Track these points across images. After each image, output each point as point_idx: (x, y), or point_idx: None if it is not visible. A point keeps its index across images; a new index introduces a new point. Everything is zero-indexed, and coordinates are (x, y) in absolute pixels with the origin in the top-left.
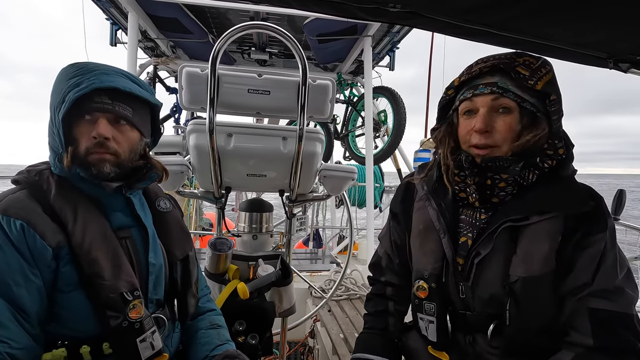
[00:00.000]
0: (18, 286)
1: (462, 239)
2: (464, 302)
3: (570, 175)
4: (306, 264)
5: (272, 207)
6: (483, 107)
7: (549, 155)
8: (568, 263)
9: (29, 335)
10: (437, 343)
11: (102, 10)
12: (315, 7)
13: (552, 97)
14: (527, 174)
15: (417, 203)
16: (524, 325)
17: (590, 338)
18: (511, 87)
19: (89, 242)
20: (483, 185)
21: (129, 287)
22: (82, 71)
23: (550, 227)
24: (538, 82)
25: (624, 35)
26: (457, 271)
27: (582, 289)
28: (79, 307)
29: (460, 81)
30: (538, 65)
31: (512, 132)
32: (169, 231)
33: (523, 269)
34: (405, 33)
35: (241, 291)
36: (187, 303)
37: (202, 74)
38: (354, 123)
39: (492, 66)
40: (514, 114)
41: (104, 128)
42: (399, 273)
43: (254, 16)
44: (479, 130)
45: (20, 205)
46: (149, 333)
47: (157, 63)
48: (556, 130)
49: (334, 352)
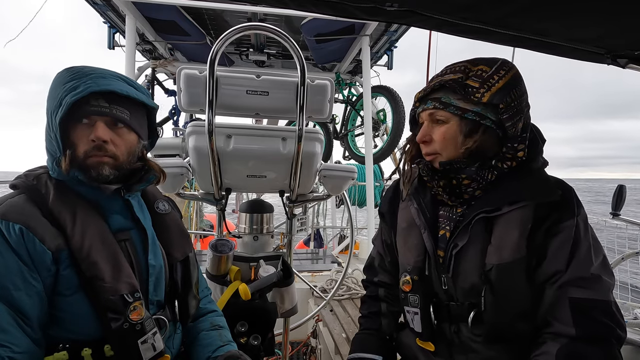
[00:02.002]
0: (18, 290)
1: (441, 232)
2: (447, 293)
3: (540, 168)
4: (307, 264)
5: (272, 207)
6: (425, 120)
7: (508, 157)
8: (539, 250)
9: (30, 339)
10: (422, 334)
11: (99, 13)
12: (313, 7)
13: (501, 106)
14: (486, 174)
15: (402, 203)
16: (500, 311)
17: (572, 327)
18: (453, 101)
19: (88, 245)
20: (450, 185)
21: (129, 289)
22: (78, 75)
23: (521, 215)
24: (485, 93)
25: (621, 30)
26: (439, 263)
27: (557, 276)
28: (80, 310)
29: (420, 96)
30: (490, 74)
31: (447, 140)
32: (168, 233)
33: (497, 257)
34: (403, 32)
35: (243, 292)
36: (187, 304)
37: (200, 76)
38: (353, 122)
39: (440, 83)
40: (451, 124)
41: (102, 131)
42: (391, 272)
43: (251, 17)
44: (418, 140)
45: (19, 210)
46: (150, 334)
47: (156, 66)
48: (512, 134)
49: (337, 351)
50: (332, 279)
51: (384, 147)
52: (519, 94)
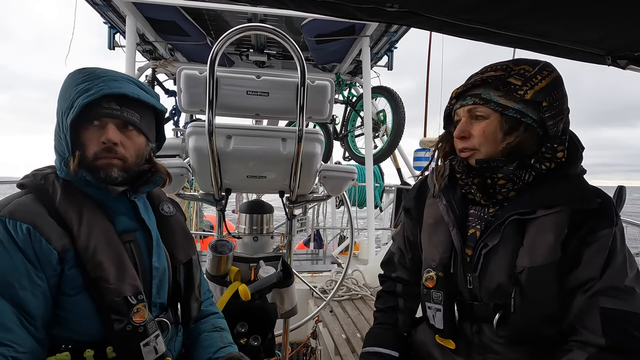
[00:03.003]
0: (24, 289)
1: (471, 230)
2: (472, 293)
3: (579, 174)
4: (307, 264)
5: (272, 208)
6: (463, 116)
7: (547, 157)
8: (573, 256)
9: (34, 338)
10: (443, 331)
11: (100, 14)
12: (313, 7)
13: (544, 104)
14: (523, 174)
15: (428, 200)
16: (528, 313)
17: (601, 337)
18: (494, 98)
19: (94, 246)
20: (484, 184)
21: (133, 291)
22: (90, 77)
23: (556, 220)
24: (528, 91)
25: (621, 31)
26: (465, 262)
27: (589, 284)
28: (84, 311)
29: (458, 92)
30: (533, 73)
31: (486, 136)
32: (173, 235)
33: (529, 259)
34: (403, 33)
35: (243, 293)
36: (190, 307)
37: (200, 76)
38: (353, 123)
39: (482, 80)
40: (491, 120)
41: (112, 133)
42: (410, 269)
43: (251, 18)
44: (456, 136)
45: (26, 209)
46: (152, 337)
47: (156, 66)
48: (553, 134)
49: (337, 352)
50: (332, 279)
51: (384, 148)
52: (561, 95)
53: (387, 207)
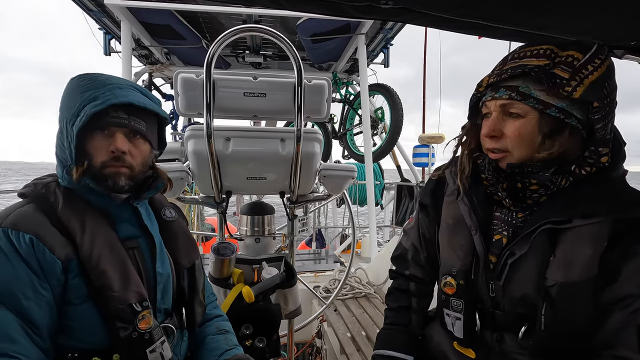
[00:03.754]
0: (28, 300)
1: (497, 236)
2: (494, 301)
3: (620, 177)
4: (310, 264)
5: (273, 209)
6: (494, 111)
7: (589, 163)
8: (612, 271)
9: (40, 349)
10: (463, 340)
11: (94, 20)
12: (308, 7)
13: (595, 105)
14: (560, 180)
15: (447, 197)
16: (557, 329)
17: (638, 354)
18: (534, 93)
19: (97, 254)
20: (514, 188)
21: (137, 298)
22: (95, 84)
23: (595, 231)
24: (577, 87)
25: (617, 20)
26: (488, 269)
27: (629, 301)
28: (89, 319)
29: (489, 82)
30: (583, 62)
31: (522, 138)
32: (176, 240)
33: (562, 273)
34: (398, 29)
35: (246, 295)
36: (194, 311)
37: (197, 80)
38: (351, 121)
39: (521, 70)
40: (528, 119)
41: (121, 143)
42: (425, 267)
43: (246, 19)
44: (485, 135)
45: (28, 219)
46: (158, 343)
47: (152, 70)
48: (600, 137)
49: (342, 351)
50: (336, 278)
51: (383, 145)
52: (612, 88)
53: (387, 205)
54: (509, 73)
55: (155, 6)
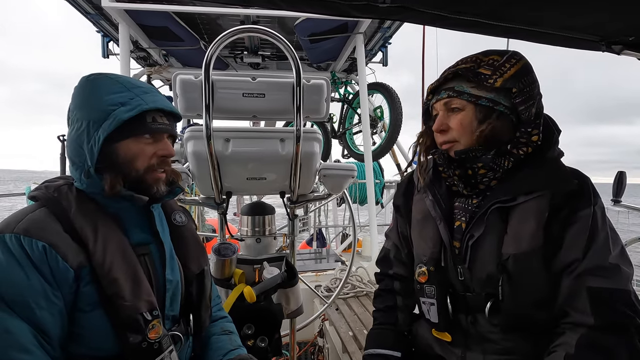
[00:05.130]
0: (41, 309)
1: (457, 223)
2: (464, 284)
3: (556, 157)
4: (311, 264)
5: (273, 209)
6: (440, 110)
7: (523, 142)
8: (556, 240)
9: (51, 358)
10: (438, 324)
11: (92, 23)
12: (305, 7)
13: (514, 90)
14: (502, 161)
15: (416, 196)
16: (518, 300)
17: (590, 317)
18: (467, 89)
19: (109, 262)
20: (466, 175)
21: (148, 307)
22: (119, 87)
23: (537, 205)
24: (498, 79)
25: (615, 16)
26: (455, 254)
27: (574, 265)
28: (98, 327)
29: (433, 87)
30: (502, 62)
31: (464, 127)
32: (186, 246)
33: (513, 246)
34: (396, 28)
35: (248, 295)
36: (201, 317)
37: (196, 81)
38: (350, 121)
39: (453, 73)
40: (467, 111)
41: (170, 147)
42: (407, 264)
43: (244, 20)
44: (435, 130)
45: (41, 225)
46: (167, 353)
47: (151, 72)
48: (526, 119)
49: (344, 350)
50: (337, 277)
51: (382, 144)
52: (531, 80)
53: (388, 203)
54: (445, 77)
55: (152, 8)
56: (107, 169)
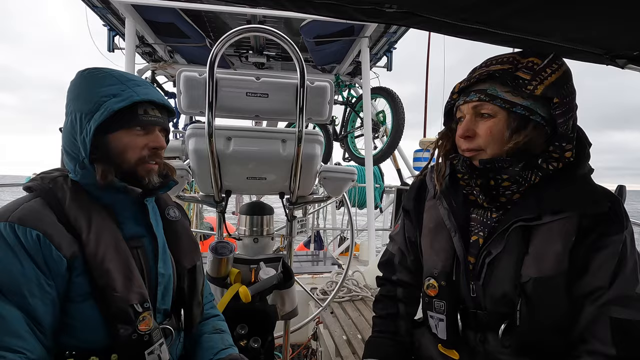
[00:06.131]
0: (34, 297)
1: (474, 237)
2: (475, 301)
3: (586, 174)
4: (307, 266)
5: (272, 209)
6: (467, 113)
7: (555, 157)
8: (582, 264)
9: (43, 346)
10: (446, 341)
11: (99, 16)
12: (312, 9)
13: (555, 101)
14: (529, 175)
15: (428, 202)
16: (535, 325)
17: (612, 347)
18: (501, 94)
19: (102, 253)
20: (487, 186)
21: (139, 299)
22: (112, 80)
23: (564, 227)
24: (538, 86)
25: (620, 30)
26: (468, 270)
27: (599, 293)
28: (89, 318)
29: (462, 87)
30: (542, 66)
31: (493, 135)
32: (178, 241)
33: (535, 269)
34: (402, 33)
35: (243, 295)
36: (192, 313)
37: (200, 78)
38: (352, 124)
39: (487, 73)
40: (498, 118)
41: (161, 139)
42: (412, 271)
43: (250, 19)
44: (460, 135)
45: (35, 215)
46: (157, 345)
47: (155, 68)
48: (563, 132)
49: (337, 354)
50: (333, 280)
51: (383, 149)
52: (571, 90)
53: (387, 208)
54: (477, 78)
55: (160, 4)
56: (99, 160)
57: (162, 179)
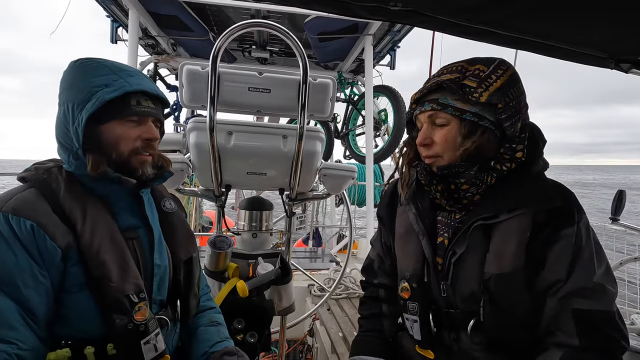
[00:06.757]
0: (27, 288)
1: (440, 239)
2: (447, 301)
3: (540, 171)
4: (306, 262)
5: (272, 205)
6: (424, 122)
7: (506, 158)
8: (539, 259)
9: (37, 336)
10: (421, 341)
11: (102, 7)
12: (316, 5)
13: (499, 106)
14: (485, 177)
15: (399, 208)
16: (499, 320)
17: (575, 338)
18: (451, 102)
19: (97, 244)
20: (449, 190)
21: (135, 289)
22: (105, 70)
23: (519, 223)
24: (483, 93)
25: (625, 35)
26: (437, 271)
27: (558, 286)
28: (85, 308)
29: (417, 97)
30: (488, 73)
31: (448, 142)
32: (174, 232)
33: (495, 266)
34: (406, 32)
35: (240, 289)
36: (189, 304)
37: (202, 72)
38: (354, 122)
39: (437, 84)
40: (452, 126)
41: (154, 130)
42: (390, 274)
43: (254, 14)
44: (419, 144)
45: (30, 205)
46: (152, 335)
47: (158, 61)
48: (511, 135)
49: (333, 350)
50: (330, 278)
51: (384, 147)
52: (517, 93)
53: None
54: (429, 88)
55: None
56: (92, 150)
57: (156, 171)
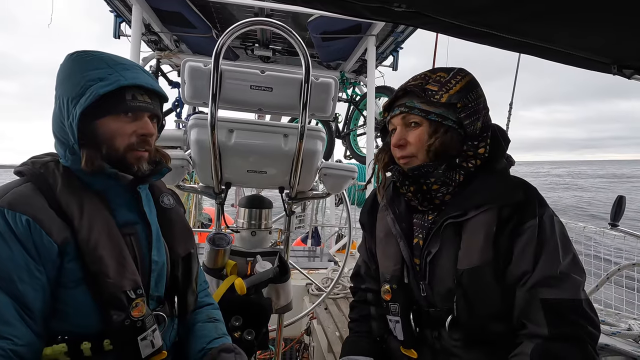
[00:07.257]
0: (23, 283)
1: (415, 240)
2: (427, 300)
3: (504, 169)
4: (304, 261)
5: (271, 203)
6: (398, 125)
7: (470, 155)
8: (506, 252)
9: (33, 332)
10: (404, 342)
11: (106, 2)
12: (320, 4)
13: (459, 105)
14: (453, 175)
15: (379, 214)
16: (473, 314)
17: (544, 328)
18: (417, 105)
19: (95, 240)
20: (422, 191)
21: (132, 286)
22: (100, 63)
23: (486, 219)
24: (444, 95)
25: (628, 41)
26: (416, 271)
27: (525, 277)
28: (82, 304)
29: (387, 104)
30: (448, 79)
31: (422, 142)
32: (173, 228)
33: (466, 261)
34: (409, 33)
35: (238, 287)
36: (186, 300)
37: (204, 69)
38: (355, 122)
39: (404, 89)
40: (423, 127)
41: (150, 126)
42: (376, 279)
43: (258, 12)
44: (394, 145)
45: (26, 200)
46: (149, 331)
47: (161, 57)
48: (472, 132)
49: (329, 349)
50: (328, 277)
51: None
52: (476, 96)
53: None
54: (396, 95)
55: None
56: (87, 145)
57: (152, 167)
